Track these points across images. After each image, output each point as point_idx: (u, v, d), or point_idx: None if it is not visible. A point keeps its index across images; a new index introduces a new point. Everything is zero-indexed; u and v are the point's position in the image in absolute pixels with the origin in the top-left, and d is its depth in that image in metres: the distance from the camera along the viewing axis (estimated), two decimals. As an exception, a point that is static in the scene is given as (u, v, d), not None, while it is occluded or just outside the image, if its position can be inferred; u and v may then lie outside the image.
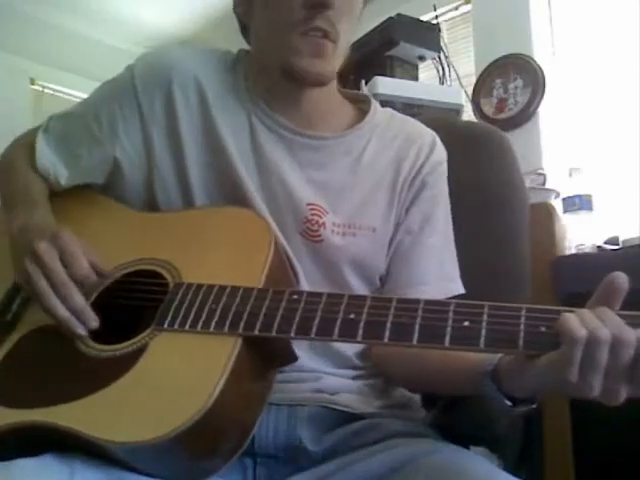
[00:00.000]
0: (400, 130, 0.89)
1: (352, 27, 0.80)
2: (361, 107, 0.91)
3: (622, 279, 0.56)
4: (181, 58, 0.84)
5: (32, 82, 4.21)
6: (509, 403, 0.64)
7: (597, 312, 0.55)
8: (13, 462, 0.57)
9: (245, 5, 0.82)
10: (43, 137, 0.86)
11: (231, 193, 0.80)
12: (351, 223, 0.82)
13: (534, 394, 0.63)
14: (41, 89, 4.25)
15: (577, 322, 0.54)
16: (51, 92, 4.22)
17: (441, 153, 0.90)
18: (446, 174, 0.90)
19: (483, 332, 0.57)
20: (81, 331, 0.69)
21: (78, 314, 0.68)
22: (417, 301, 0.62)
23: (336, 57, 0.78)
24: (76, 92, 3.99)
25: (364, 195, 0.83)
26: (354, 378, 0.82)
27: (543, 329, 0.56)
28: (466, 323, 0.58)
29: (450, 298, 0.81)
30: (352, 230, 0.81)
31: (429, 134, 0.91)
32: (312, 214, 0.80)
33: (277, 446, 0.73)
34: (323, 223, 0.80)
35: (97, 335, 0.70)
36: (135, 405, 0.61)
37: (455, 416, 0.83)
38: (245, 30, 0.86)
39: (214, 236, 0.75)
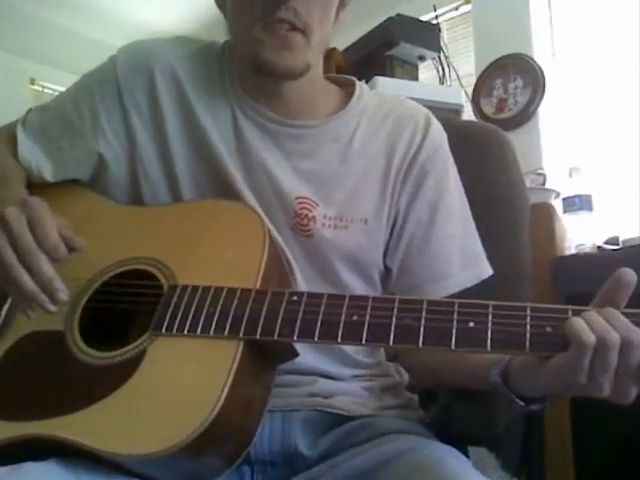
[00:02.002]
0: (391, 111, 0.84)
1: (327, 16, 0.75)
2: (348, 90, 0.87)
3: (629, 275, 0.56)
4: (161, 50, 0.82)
5: (32, 82, 4.22)
6: (521, 403, 0.63)
7: (605, 314, 0.55)
8: (19, 466, 0.57)
9: None
10: (22, 130, 0.83)
11: (219, 188, 0.78)
12: (342, 215, 0.79)
13: (545, 394, 0.63)
14: (41, 89, 4.26)
15: (585, 327, 0.54)
16: (51, 92, 4.22)
17: (438, 134, 0.85)
18: (449, 154, 0.85)
19: (489, 333, 0.57)
20: (51, 307, 0.64)
21: (45, 285, 0.63)
22: (420, 301, 0.61)
23: (310, 48, 0.74)
24: (76, 92, 3.99)
25: (355, 183, 0.80)
26: (352, 379, 0.81)
27: (549, 329, 0.56)
28: (471, 324, 0.58)
29: (477, 284, 0.82)
30: (344, 223, 0.79)
31: (422, 114, 0.85)
32: (301, 208, 0.78)
33: (273, 452, 0.73)
34: (313, 217, 0.78)
35: (91, 339, 0.68)
36: (138, 416, 0.60)
37: (454, 416, 0.83)
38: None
39: (206, 232, 0.73)
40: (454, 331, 0.58)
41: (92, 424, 0.60)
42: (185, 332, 0.64)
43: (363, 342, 0.60)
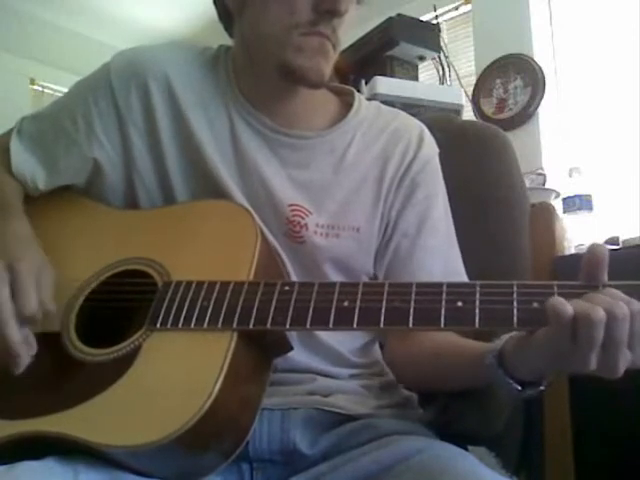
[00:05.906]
0: (387, 125, 0.86)
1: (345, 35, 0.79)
2: (346, 100, 0.88)
3: (601, 247, 0.57)
4: (155, 59, 0.82)
5: (32, 82, 4.22)
6: (518, 387, 0.64)
7: (587, 297, 0.56)
8: (17, 464, 0.57)
9: None
10: (17, 139, 0.83)
11: (213, 192, 0.79)
12: (335, 224, 0.80)
13: (540, 373, 0.63)
14: (41, 89, 4.26)
15: (562, 300, 0.55)
16: (51, 92, 4.23)
17: (430, 148, 0.87)
18: (439, 169, 0.87)
19: (477, 312, 0.58)
20: (14, 369, 0.63)
21: (11, 349, 0.63)
22: (409, 284, 0.62)
23: (333, 61, 0.77)
24: (76, 92, 4.00)
25: (348, 194, 0.81)
26: (350, 378, 0.81)
27: (536, 305, 0.57)
28: (459, 304, 0.59)
29: None
30: (336, 231, 0.80)
31: (417, 128, 0.88)
32: (294, 215, 0.78)
33: (272, 451, 0.72)
34: (305, 224, 0.78)
35: (90, 338, 0.69)
36: (132, 409, 0.60)
37: (453, 415, 0.83)
38: (229, 22, 0.83)
39: (199, 231, 0.74)
40: (443, 311, 0.59)
41: (86, 418, 0.60)
42: (179, 326, 0.65)
43: (354, 326, 0.61)
